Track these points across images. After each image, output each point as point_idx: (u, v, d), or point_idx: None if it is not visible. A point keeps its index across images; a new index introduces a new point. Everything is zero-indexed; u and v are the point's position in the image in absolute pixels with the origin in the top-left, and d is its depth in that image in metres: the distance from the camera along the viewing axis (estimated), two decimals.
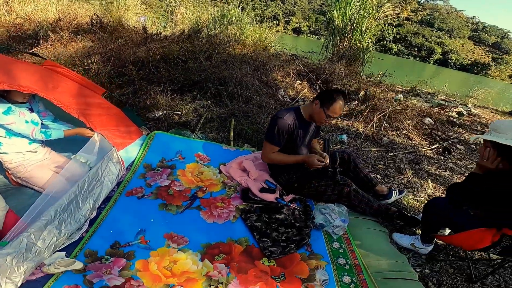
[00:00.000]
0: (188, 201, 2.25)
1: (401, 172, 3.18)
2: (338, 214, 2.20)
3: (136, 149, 2.63)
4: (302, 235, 2.00)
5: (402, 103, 4.52)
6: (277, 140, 2.24)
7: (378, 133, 3.90)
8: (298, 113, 2.31)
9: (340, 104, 2.18)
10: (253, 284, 1.66)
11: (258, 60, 4.83)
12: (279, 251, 1.88)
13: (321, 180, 2.34)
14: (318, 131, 2.62)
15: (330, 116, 2.20)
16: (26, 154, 2.27)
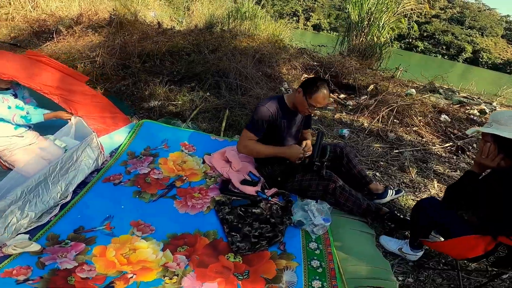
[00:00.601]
0: (164, 190, 2.17)
1: (404, 171, 2.94)
2: (320, 212, 2.04)
3: (123, 136, 2.60)
4: (276, 232, 1.86)
5: (414, 98, 4.21)
6: (256, 128, 2.10)
7: (384, 129, 3.64)
8: (282, 102, 2.16)
9: (323, 93, 2.01)
10: (211, 280, 1.55)
11: (264, 53, 4.70)
12: (247, 247, 1.75)
13: (306, 174, 2.18)
14: (309, 121, 2.44)
15: (312, 105, 2.04)
16: (13, 138, 2.29)
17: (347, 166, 2.36)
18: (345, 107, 4.24)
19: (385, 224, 2.12)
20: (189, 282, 1.52)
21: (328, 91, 2.04)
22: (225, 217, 1.92)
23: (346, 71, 5.05)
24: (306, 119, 2.35)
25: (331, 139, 3.26)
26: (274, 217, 1.96)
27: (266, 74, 4.35)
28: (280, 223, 1.92)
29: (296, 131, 2.31)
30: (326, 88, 2.02)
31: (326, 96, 2.03)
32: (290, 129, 2.25)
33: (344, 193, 2.10)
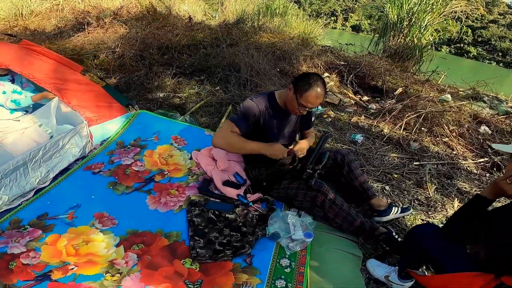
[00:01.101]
0: (141, 183, 2.07)
1: (421, 186, 2.55)
2: (302, 226, 1.79)
3: (116, 126, 2.55)
4: (243, 242, 1.65)
5: (450, 104, 3.71)
6: (240, 120, 1.84)
7: (407, 137, 3.24)
8: (272, 100, 1.93)
9: (316, 92, 1.74)
10: (156, 283, 1.40)
11: (285, 50, 4.47)
12: (207, 255, 1.56)
13: (293, 181, 1.94)
14: (309, 121, 2.18)
15: (302, 105, 1.79)
16: (9, 121, 2.34)
17: (347, 176, 2.07)
18: (366, 110, 3.87)
19: (379, 246, 1.81)
20: (131, 282, 1.38)
21: (323, 89, 1.77)
22: (193, 219, 1.76)
23: (375, 72, 4.64)
24: (304, 118, 2.08)
25: (340, 145, 2.96)
26: (247, 225, 1.76)
27: (283, 71, 4.12)
28: (251, 233, 1.71)
29: (291, 131, 2.07)
30: (320, 86, 1.76)
31: (320, 95, 1.77)
32: (282, 130, 2.01)
33: (333, 208, 1.82)
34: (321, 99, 1.81)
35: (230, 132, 1.81)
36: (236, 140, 1.81)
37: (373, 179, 2.55)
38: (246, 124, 1.84)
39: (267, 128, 1.92)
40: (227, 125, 1.81)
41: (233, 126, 1.81)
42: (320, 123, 3.26)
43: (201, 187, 2.04)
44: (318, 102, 1.81)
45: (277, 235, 1.73)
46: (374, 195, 2.09)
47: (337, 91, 4.16)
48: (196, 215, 1.78)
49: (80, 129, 2.28)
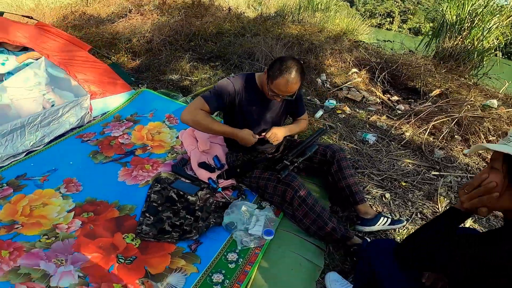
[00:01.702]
0: (120, 155, 2.08)
1: (431, 199, 2.21)
2: (264, 221, 1.64)
3: (118, 101, 2.63)
4: (191, 227, 1.55)
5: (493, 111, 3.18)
6: (212, 98, 1.69)
7: (432, 143, 2.84)
8: (251, 81, 1.77)
9: (286, 80, 1.55)
10: (86, 252, 1.37)
11: (313, 42, 4.24)
12: (151, 233, 1.49)
13: (266, 171, 1.79)
14: (297, 107, 1.96)
15: (273, 92, 1.62)
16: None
17: (335, 175, 1.85)
18: (391, 111, 3.49)
19: (348, 258, 1.58)
20: (61, 246, 1.38)
21: (297, 76, 1.57)
22: (150, 195, 1.70)
23: (413, 72, 4.19)
24: (291, 103, 1.87)
25: (346, 142, 2.69)
26: (204, 210, 1.65)
27: (306, 64, 3.90)
28: (203, 219, 1.60)
29: (275, 117, 1.89)
30: (293, 73, 1.55)
31: (292, 82, 1.56)
32: (263, 115, 1.85)
33: (303, 207, 1.63)
34: (293, 87, 1.59)
35: (199, 110, 1.68)
36: (203, 118, 1.69)
37: (373, 184, 2.27)
38: (218, 103, 1.71)
39: (244, 111, 1.78)
40: (198, 101, 1.71)
41: (203, 103, 1.68)
42: (329, 118, 3.01)
43: (174, 165, 1.98)
44: (290, 90, 1.61)
45: (232, 226, 1.60)
46: (362, 201, 1.83)
47: (363, 88, 3.82)
48: (155, 191, 1.72)
49: (82, 101, 2.39)
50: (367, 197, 2.13)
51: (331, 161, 1.86)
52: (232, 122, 1.83)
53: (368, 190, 2.22)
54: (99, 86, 2.52)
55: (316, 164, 1.94)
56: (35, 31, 2.44)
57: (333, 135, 2.77)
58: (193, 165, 2.00)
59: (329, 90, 3.59)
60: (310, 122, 2.90)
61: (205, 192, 1.76)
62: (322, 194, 2.02)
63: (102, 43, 4.32)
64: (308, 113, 3.07)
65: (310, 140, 1.88)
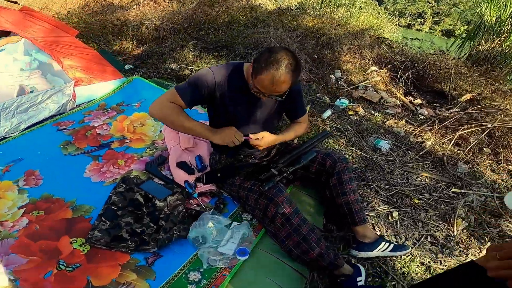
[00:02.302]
0: (94, 147, 1.88)
1: (446, 220, 1.87)
2: (240, 238, 1.38)
3: (107, 89, 2.45)
4: (150, 238, 1.32)
5: None
6: (186, 90, 1.41)
7: (456, 156, 2.47)
8: (238, 72, 1.45)
9: (272, 76, 1.24)
10: (24, 254, 1.20)
11: (331, 37, 3.90)
12: (103, 240, 1.28)
13: (248, 180, 1.52)
14: (296, 108, 1.66)
15: (256, 87, 1.33)
16: None
17: (334, 189, 1.56)
18: (413, 115, 3.11)
19: None
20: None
21: (287, 74, 1.25)
22: (112, 196, 1.49)
23: (442, 74, 3.77)
24: (287, 102, 1.55)
25: (355, 149, 2.36)
26: (169, 220, 1.41)
27: (320, 59, 3.58)
28: (166, 230, 1.36)
29: (267, 117, 1.58)
30: (281, 69, 1.24)
31: (279, 81, 1.25)
32: (252, 114, 1.55)
33: (286, 227, 1.35)
34: (281, 87, 1.28)
35: (170, 103, 1.41)
36: (174, 113, 1.41)
37: (380, 199, 1.95)
38: (193, 96, 1.41)
39: (228, 108, 1.49)
40: (169, 93, 1.45)
41: (175, 95, 1.40)
42: (338, 119, 2.69)
43: (149, 163, 1.75)
44: (277, 90, 1.29)
45: (196, 243, 1.34)
46: (362, 222, 1.54)
47: (382, 88, 3.45)
48: (118, 192, 1.50)
49: (65, 87, 2.23)
50: (370, 215, 1.83)
51: (330, 172, 1.56)
52: (214, 120, 1.58)
53: (373, 206, 1.91)
54: (85, 72, 2.37)
55: (313, 174, 1.64)
56: (19, 16, 2.32)
57: (340, 139, 2.46)
58: (170, 164, 1.77)
59: (343, 88, 3.25)
60: (315, 123, 2.60)
61: (176, 198, 1.53)
62: (317, 209, 1.74)
63: (109, 30, 4.19)
64: (315, 113, 2.76)
65: (309, 145, 1.59)
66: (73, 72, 2.29)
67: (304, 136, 2.33)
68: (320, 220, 1.71)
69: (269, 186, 1.38)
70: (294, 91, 1.53)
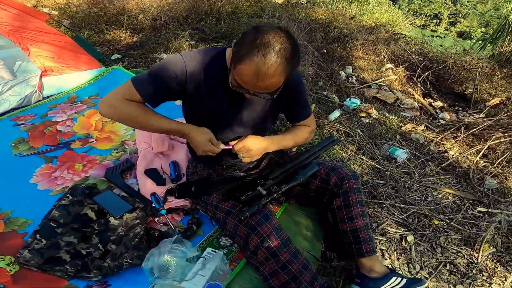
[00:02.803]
0: (50, 147, 1.58)
1: (470, 245, 1.52)
2: (212, 271, 1.05)
3: (80, 80, 2.15)
4: (93, 264, 1.01)
5: None
6: (145, 82, 1.06)
7: (483, 169, 2.09)
8: (219, 60, 1.08)
9: (257, 67, 0.86)
10: None
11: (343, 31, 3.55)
12: (34, 261, 0.99)
13: (227, 199, 1.17)
14: (298, 107, 1.28)
15: (235, 81, 0.96)
16: None
17: (339, 212, 1.21)
18: (433, 119, 2.74)
19: None
20: None
21: (278, 64, 0.87)
22: (52, 211, 1.17)
23: (465, 75, 3.37)
24: (283, 100, 1.20)
25: (366, 158, 2.01)
26: (120, 243, 1.09)
27: (329, 54, 3.24)
28: (114, 256, 1.04)
29: (257, 118, 1.22)
30: (271, 57, 0.86)
31: (265, 74, 0.87)
32: (236, 113, 1.18)
33: (271, 262, 1.01)
34: (270, 82, 0.90)
35: (124, 100, 1.06)
36: (133, 110, 1.06)
37: (393, 220, 1.61)
38: (155, 89, 1.06)
39: (207, 108, 1.13)
40: (124, 87, 1.09)
41: (131, 89, 1.05)
42: (348, 122, 2.33)
43: (110, 169, 1.44)
44: (264, 86, 0.91)
45: (150, 278, 1.02)
46: (370, 253, 1.20)
47: (398, 88, 3.08)
48: (61, 206, 1.18)
49: (29, 78, 1.95)
50: (379, 239, 1.49)
51: (335, 191, 1.21)
52: (190, 122, 1.24)
53: (384, 229, 1.56)
54: (56, 61, 2.08)
55: (313, 192, 1.29)
56: None
57: (349, 146, 2.11)
58: (137, 171, 1.45)
59: (354, 87, 2.89)
60: (320, 126, 2.25)
61: (135, 215, 1.20)
62: (315, 232, 1.40)
63: (104, 19, 3.92)
64: (321, 113, 2.41)
65: (310, 156, 1.26)
66: (42, 60, 2.01)
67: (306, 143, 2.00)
68: (318, 247, 1.37)
69: (251, 212, 1.05)
70: (293, 84, 1.18)
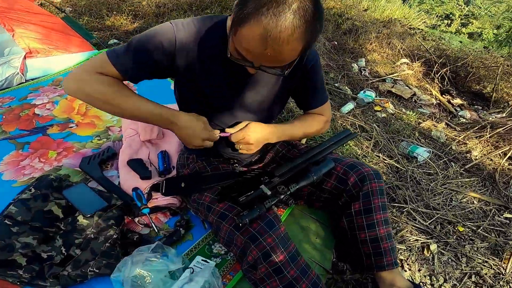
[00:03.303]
0: (24, 131, 1.39)
1: (497, 254, 1.31)
2: (201, 285, 0.85)
3: (69, 62, 1.97)
4: (49, 271, 0.82)
5: None
6: (123, 53, 0.83)
7: (508, 172, 1.87)
8: (218, 30, 0.85)
9: (266, 29, 0.63)
10: None
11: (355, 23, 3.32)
12: None
13: (221, 200, 0.95)
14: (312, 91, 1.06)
15: (235, 50, 0.73)
16: None
17: (357, 218, 1.01)
18: (452, 117, 2.51)
19: None
20: None
21: (296, 27, 0.63)
22: (9, 206, 0.98)
23: (485, 74, 3.13)
24: (296, 80, 1.00)
25: (384, 156, 1.78)
26: (87, 248, 0.89)
27: (342, 46, 3.02)
28: (77, 264, 0.85)
29: (262, 101, 1.00)
30: (286, 16, 0.62)
31: (277, 39, 0.64)
32: (238, 94, 0.96)
33: (274, 280, 0.82)
34: (283, 51, 0.67)
35: (95, 73, 0.83)
36: (104, 86, 0.83)
37: (414, 226, 1.39)
38: (135, 62, 0.83)
39: (202, 87, 0.92)
40: (97, 58, 0.86)
41: (106, 62, 0.83)
42: (362, 115, 2.11)
43: (86, 158, 1.24)
44: (275, 57, 0.68)
45: (131, 285, 0.82)
46: (391, 265, 0.99)
47: (414, 84, 2.85)
48: (20, 200, 0.98)
49: (12, 59, 1.77)
50: (399, 248, 1.29)
51: (355, 193, 1.01)
52: (182, 105, 1.03)
53: (403, 236, 1.35)
54: (43, 42, 1.92)
55: (327, 193, 1.08)
56: None
57: (364, 141, 1.89)
58: (120, 162, 1.25)
59: (367, 80, 2.67)
60: (332, 119, 2.03)
61: (110, 215, 1.00)
62: (326, 239, 1.20)
63: (106, 5, 3.75)
64: (333, 105, 2.20)
65: (324, 150, 1.07)
66: (27, 42, 1.85)
67: (318, 137, 1.78)
68: (329, 257, 1.17)
69: (251, 217, 0.84)
70: (309, 60, 0.96)
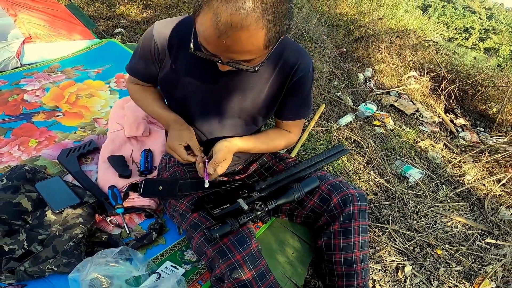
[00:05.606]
0: (8, 117, 1.38)
1: (469, 278, 1.28)
2: None
3: (69, 50, 1.95)
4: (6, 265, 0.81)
5: None
6: (135, 61, 0.94)
7: (499, 199, 1.82)
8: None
9: (216, 16, 0.58)
10: None
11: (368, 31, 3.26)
12: None
13: (196, 209, 0.92)
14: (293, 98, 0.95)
15: (199, 42, 0.68)
16: None
17: (334, 239, 0.97)
18: (452, 138, 2.45)
19: None
20: None
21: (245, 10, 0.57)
22: None
23: (493, 93, 3.06)
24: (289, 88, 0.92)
25: (375, 174, 1.74)
26: (49, 245, 0.88)
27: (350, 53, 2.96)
28: (37, 260, 0.83)
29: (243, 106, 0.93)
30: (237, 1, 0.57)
31: (227, 25, 0.58)
32: (220, 98, 0.91)
33: None
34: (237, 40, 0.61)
35: (131, 84, 1.05)
36: (135, 93, 1.04)
37: (393, 247, 1.36)
38: (144, 71, 0.94)
39: (183, 84, 0.89)
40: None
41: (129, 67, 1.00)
42: (360, 129, 2.06)
43: (64, 151, 1.22)
44: (230, 47, 0.62)
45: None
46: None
47: (419, 99, 2.79)
48: None
49: (11, 44, 1.79)
50: (374, 268, 1.26)
51: (335, 214, 0.97)
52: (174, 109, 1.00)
53: (381, 256, 1.32)
54: (45, 29, 1.93)
55: (308, 211, 1.04)
56: None
57: (357, 157, 1.85)
58: (100, 156, 1.23)
59: (371, 91, 2.61)
60: (328, 130, 1.99)
61: (79, 212, 0.98)
62: (301, 255, 1.17)
63: None
64: (331, 116, 2.16)
65: (313, 165, 1.04)
66: (28, 27, 1.86)
67: (310, 149, 1.75)
68: (302, 273, 1.14)
69: (222, 232, 0.81)
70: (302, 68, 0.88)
